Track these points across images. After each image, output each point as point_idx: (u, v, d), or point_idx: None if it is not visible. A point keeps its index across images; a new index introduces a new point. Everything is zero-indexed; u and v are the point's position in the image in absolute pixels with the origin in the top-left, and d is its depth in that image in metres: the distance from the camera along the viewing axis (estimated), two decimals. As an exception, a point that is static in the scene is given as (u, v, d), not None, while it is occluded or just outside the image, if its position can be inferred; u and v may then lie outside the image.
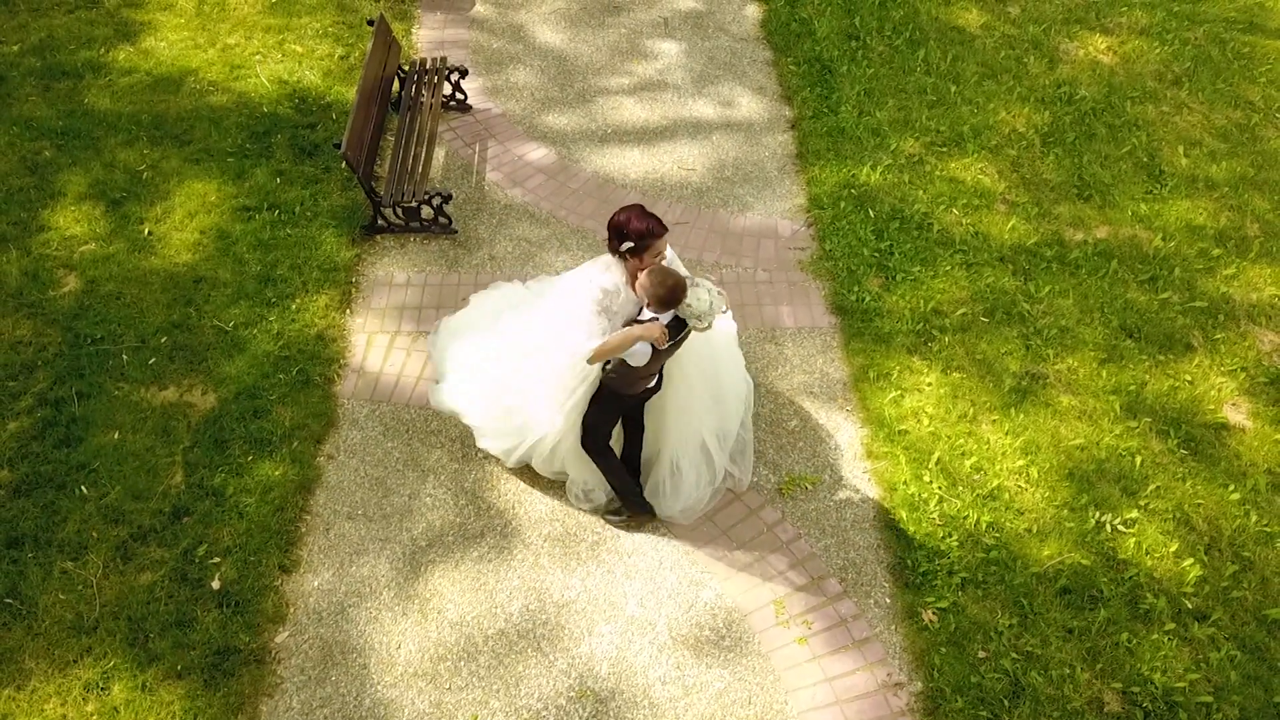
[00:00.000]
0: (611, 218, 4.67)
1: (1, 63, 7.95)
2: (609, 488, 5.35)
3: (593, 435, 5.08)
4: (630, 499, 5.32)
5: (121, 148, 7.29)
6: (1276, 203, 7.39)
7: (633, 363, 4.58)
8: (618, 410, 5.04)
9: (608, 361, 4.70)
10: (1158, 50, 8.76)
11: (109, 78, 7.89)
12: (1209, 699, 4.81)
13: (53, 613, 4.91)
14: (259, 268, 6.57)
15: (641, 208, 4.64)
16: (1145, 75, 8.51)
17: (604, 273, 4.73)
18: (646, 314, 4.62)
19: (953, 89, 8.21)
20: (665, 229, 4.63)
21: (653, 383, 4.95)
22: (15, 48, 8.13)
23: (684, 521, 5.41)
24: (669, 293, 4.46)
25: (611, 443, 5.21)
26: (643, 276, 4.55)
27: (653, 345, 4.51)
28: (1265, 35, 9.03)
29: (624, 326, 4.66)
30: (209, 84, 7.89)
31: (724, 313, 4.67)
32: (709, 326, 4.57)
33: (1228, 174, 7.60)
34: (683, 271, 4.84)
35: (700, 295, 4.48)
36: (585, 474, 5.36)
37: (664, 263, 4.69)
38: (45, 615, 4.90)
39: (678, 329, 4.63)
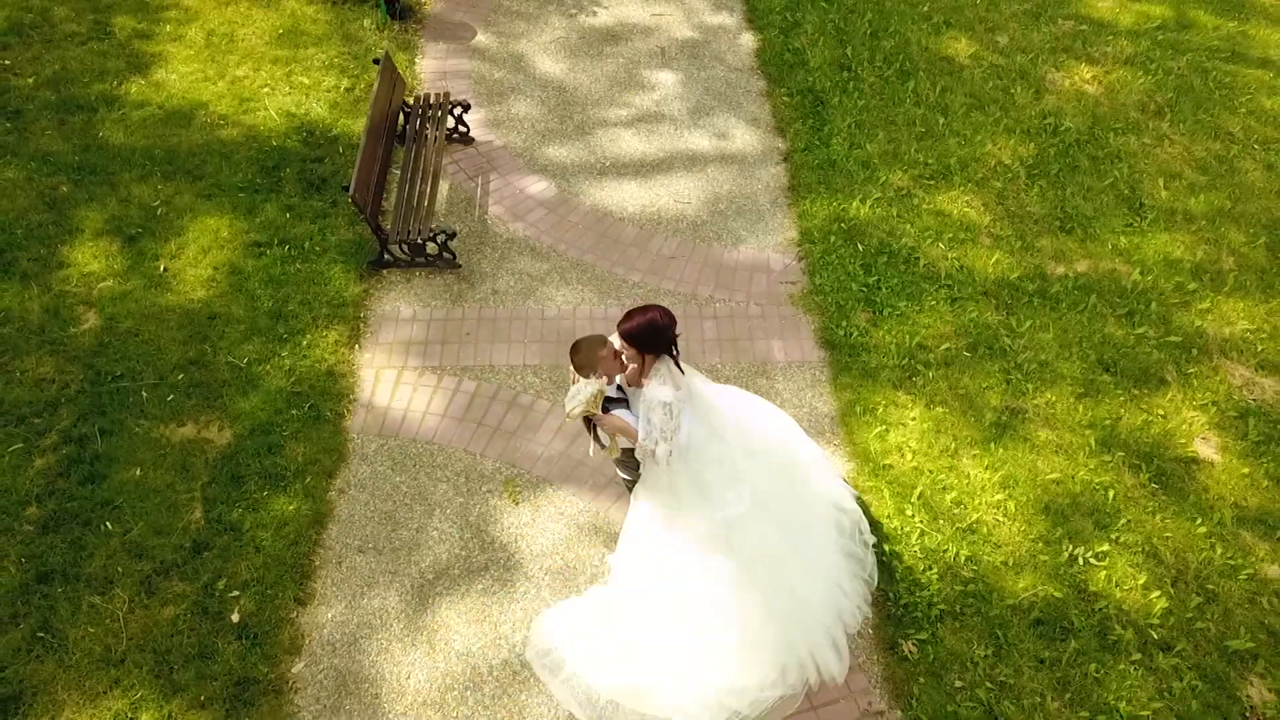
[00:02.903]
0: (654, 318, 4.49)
1: (18, 96, 8.20)
2: None
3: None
4: None
5: (136, 183, 7.55)
6: (1252, 236, 7.66)
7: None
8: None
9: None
10: (1141, 80, 9.00)
11: (122, 111, 8.14)
12: (1171, 727, 5.13)
13: (82, 645, 5.21)
14: (270, 303, 6.84)
15: (652, 320, 4.47)
16: (1129, 106, 8.76)
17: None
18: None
19: (941, 120, 8.46)
20: (624, 334, 4.49)
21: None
22: (30, 80, 8.37)
23: None
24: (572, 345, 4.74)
25: None
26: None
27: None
28: (1247, 64, 9.27)
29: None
30: (219, 117, 8.14)
31: (568, 412, 4.62)
32: (566, 411, 4.67)
33: (1206, 207, 7.87)
34: (656, 418, 4.62)
35: (580, 385, 4.58)
36: None
37: (651, 388, 4.59)
38: (75, 648, 5.20)
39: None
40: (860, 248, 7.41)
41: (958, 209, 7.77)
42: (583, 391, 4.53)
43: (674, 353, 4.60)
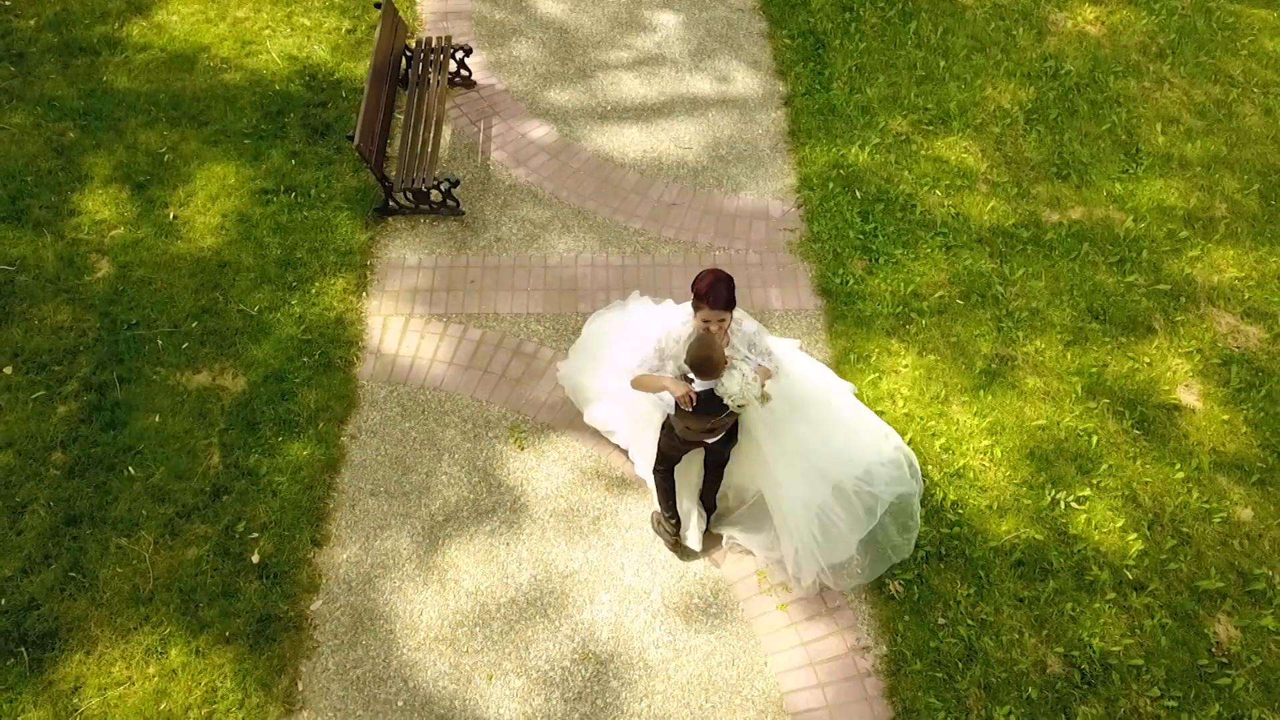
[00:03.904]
0: (701, 271, 4.85)
1: (20, 39, 8.22)
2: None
3: (656, 460, 5.51)
4: (659, 522, 5.79)
5: (142, 129, 7.63)
6: (1245, 182, 7.74)
7: (667, 408, 4.99)
8: (676, 446, 5.37)
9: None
10: (1144, 20, 8.97)
11: (125, 54, 8.16)
12: (1140, 662, 5.43)
13: (112, 585, 5.50)
14: (279, 251, 6.98)
15: (724, 280, 4.73)
16: (1130, 48, 8.75)
17: (681, 325, 4.95)
18: (690, 372, 4.88)
19: (942, 64, 8.47)
20: (722, 305, 4.70)
21: (713, 437, 5.18)
22: (31, 22, 8.37)
23: (835, 587, 5.64)
24: (696, 362, 4.68)
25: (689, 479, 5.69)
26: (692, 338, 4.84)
27: (678, 403, 4.84)
28: (1251, 4, 9.21)
29: (672, 376, 4.93)
30: (222, 61, 8.16)
31: (757, 399, 4.71)
32: (742, 408, 4.76)
33: (1202, 153, 7.93)
34: (778, 358, 5.11)
35: (733, 378, 4.64)
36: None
37: (719, 329, 4.81)
38: (105, 587, 5.50)
39: (712, 401, 4.79)
40: (858, 195, 7.51)
41: (955, 155, 7.84)
42: (747, 376, 4.65)
43: None
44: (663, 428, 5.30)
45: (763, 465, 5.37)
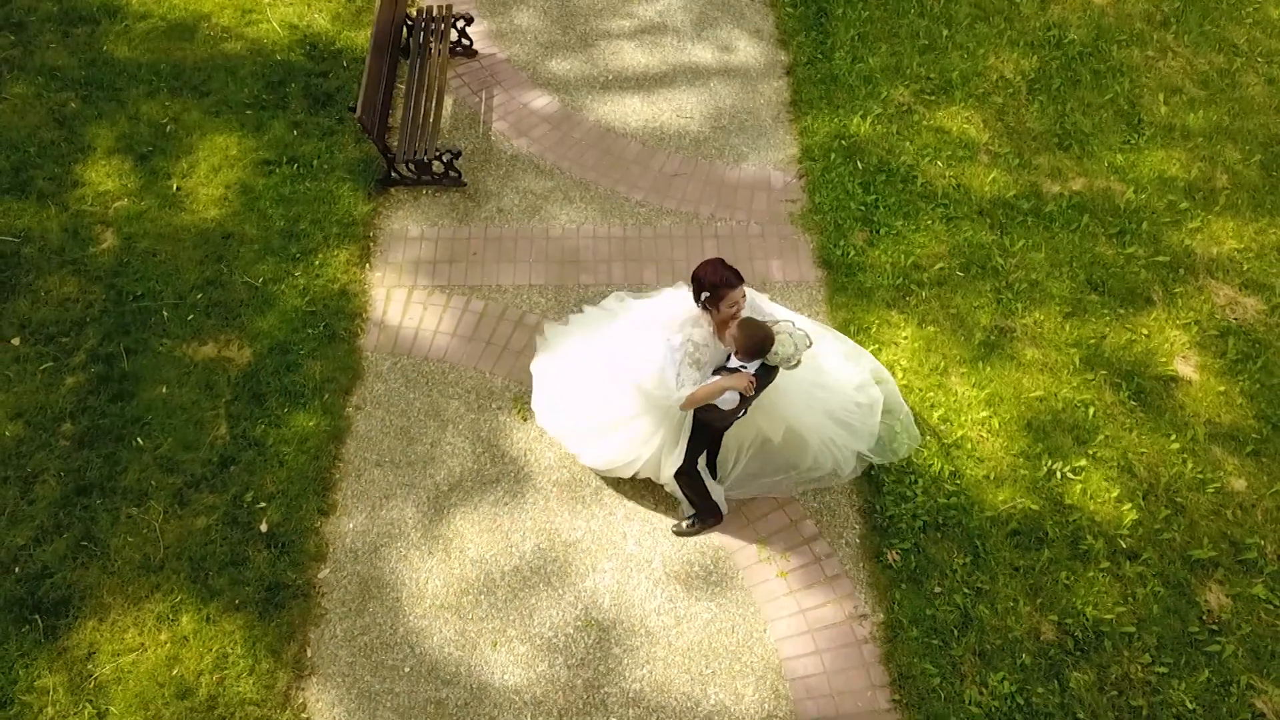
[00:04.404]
0: (694, 270, 4.96)
1: (20, 8, 8.19)
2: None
3: (688, 463, 5.51)
4: (705, 512, 5.83)
5: (144, 99, 7.63)
6: (1247, 153, 7.74)
7: (723, 408, 4.99)
8: (708, 440, 5.46)
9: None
10: (1150, -12, 8.91)
11: (125, 23, 8.13)
12: (1132, 629, 5.54)
13: (123, 554, 5.61)
14: (282, 223, 7.01)
15: (720, 261, 4.91)
16: (1134, 16, 8.70)
17: (694, 327, 5.04)
18: (734, 361, 4.95)
19: (944, 33, 8.43)
20: (740, 280, 4.88)
21: (741, 412, 5.25)
22: (31, -10, 8.34)
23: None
24: (758, 345, 4.80)
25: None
26: (733, 328, 4.88)
27: (740, 393, 4.91)
28: (1257, -29, 9.14)
29: (713, 374, 5.01)
30: (222, 30, 8.14)
31: (809, 347, 4.98)
32: (798, 365, 4.96)
33: (1204, 123, 7.92)
34: (773, 312, 5.26)
35: (784, 341, 4.82)
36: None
37: (745, 304, 4.96)
38: (117, 556, 5.60)
39: (764, 372, 4.97)
40: (860, 166, 7.52)
41: (957, 126, 7.83)
42: (794, 335, 4.88)
43: None
44: (695, 428, 5.31)
45: (785, 406, 5.46)
